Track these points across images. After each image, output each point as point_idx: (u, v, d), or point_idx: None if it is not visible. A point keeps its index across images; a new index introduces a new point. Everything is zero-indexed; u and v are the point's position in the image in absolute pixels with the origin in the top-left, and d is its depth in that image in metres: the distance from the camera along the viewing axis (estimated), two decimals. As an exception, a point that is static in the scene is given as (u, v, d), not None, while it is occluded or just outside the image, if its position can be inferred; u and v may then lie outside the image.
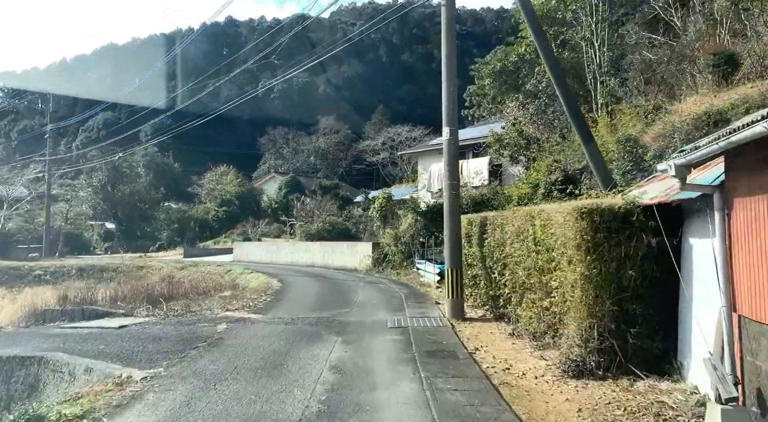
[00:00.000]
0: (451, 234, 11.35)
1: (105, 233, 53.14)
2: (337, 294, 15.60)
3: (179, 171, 63.47)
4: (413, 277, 19.74)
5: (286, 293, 16.11)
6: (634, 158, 15.03)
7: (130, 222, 52.48)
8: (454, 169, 11.47)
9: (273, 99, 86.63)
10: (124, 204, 52.11)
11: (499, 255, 10.36)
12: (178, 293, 16.41)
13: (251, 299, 14.45)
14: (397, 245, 22.43)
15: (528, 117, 22.26)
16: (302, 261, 29.21)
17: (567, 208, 7.11)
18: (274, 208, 50.49)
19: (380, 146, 64.58)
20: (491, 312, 11.37)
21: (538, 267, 8.54)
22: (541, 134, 22.00)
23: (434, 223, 22.18)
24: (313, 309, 12.68)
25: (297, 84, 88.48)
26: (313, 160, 72.57)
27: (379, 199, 25.20)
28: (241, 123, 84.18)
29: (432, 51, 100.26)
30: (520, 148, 22.08)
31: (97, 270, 30.48)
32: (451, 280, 11.20)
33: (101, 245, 52.86)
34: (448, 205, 11.40)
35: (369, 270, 23.17)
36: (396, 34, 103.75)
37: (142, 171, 57.87)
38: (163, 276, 29.38)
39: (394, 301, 13.89)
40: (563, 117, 22.19)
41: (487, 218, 11.11)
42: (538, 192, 18.56)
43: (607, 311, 6.52)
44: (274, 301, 14.28)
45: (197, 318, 11.89)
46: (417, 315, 11.60)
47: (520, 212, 9.45)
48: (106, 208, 52.30)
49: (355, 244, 26.34)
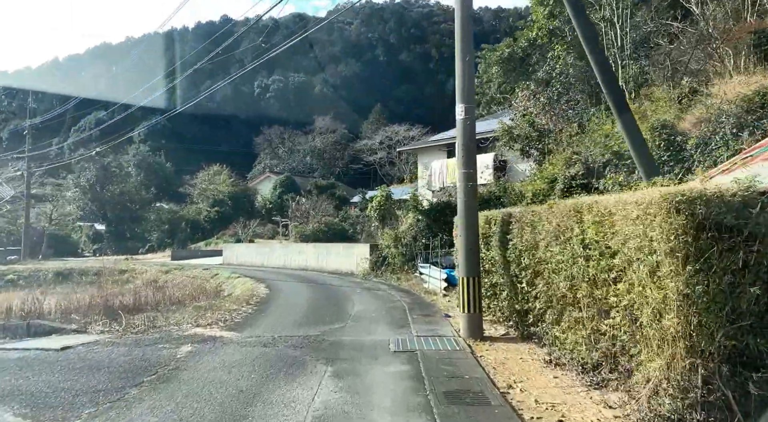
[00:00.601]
0: (467, 236, 9.22)
1: (94, 234, 50.88)
2: (330, 304, 13.45)
3: (171, 170, 61.20)
4: (415, 283, 17.60)
5: (272, 302, 13.95)
6: (672, 147, 12.92)
7: (120, 224, 50.24)
8: (471, 154, 9.34)
9: (269, 98, 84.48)
10: (114, 204, 49.86)
11: (528, 261, 8.25)
12: (147, 303, 14.19)
13: (230, 310, 12.28)
14: (398, 247, 20.30)
15: (540, 107, 20.21)
16: (295, 264, 27.04)
17: (647, 197, 4.99)
18: (269, 209, 48.34)
19: (377, 145, 62.63)
20: (516, 330, 9.24)
21: (589, 277, 6.44)
22: (554, 125, 19.97)
23: (438, 223, 20.08)
24: (301, 324, 10.52)
25: (293, 83, 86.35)
26: (309, 160, 70.44)
27: (377, 197, 23.08)
28: (237, 122, 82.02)
29: (429, 51, 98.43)
30: (532, 140, 20.02)
31: (75, 274, 28.25)
32: (466, 292, 9.08)
33: (90, 247, 50.60)
34: (463, 200, 9.28)
35: (366, 275, 21.02)
36: (393, 33, 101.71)
37: (133, 170, 55.63)
38: (146, 281, 27.23)
39: (396, 313, 11.75)
40: (579, 106, 20.18)
41: (511, 215, 8.99)
42: (556, 187, 16.50)
43: (717, 346, 4.40)
44: (257, 313, 12.11)
45: (160, 337, 9.72)
46: (425, 332, 9.46)
47: (560, 206, 7.33)
48: (94, 209, 50.00)
49: (352, 246, 24.20)
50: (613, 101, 10.05)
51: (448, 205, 20.23)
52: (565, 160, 16.59)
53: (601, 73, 10.06)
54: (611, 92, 10.06)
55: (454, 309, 12.20)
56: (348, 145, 69.74)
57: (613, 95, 10.04)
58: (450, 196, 20.69)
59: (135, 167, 55.91)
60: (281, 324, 10.66)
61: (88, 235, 50.48)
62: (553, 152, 17.97)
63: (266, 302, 13.98)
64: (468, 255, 9.20)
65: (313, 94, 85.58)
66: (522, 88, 20.63)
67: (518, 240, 8.60)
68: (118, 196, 49.90)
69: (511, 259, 8.86)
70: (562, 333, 7.36)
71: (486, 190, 21.35)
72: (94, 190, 48.94)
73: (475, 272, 9.19)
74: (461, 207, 9.36)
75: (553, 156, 18.01)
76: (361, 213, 38.86)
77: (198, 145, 78.26)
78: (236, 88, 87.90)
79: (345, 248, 24.32)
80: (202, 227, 48.43)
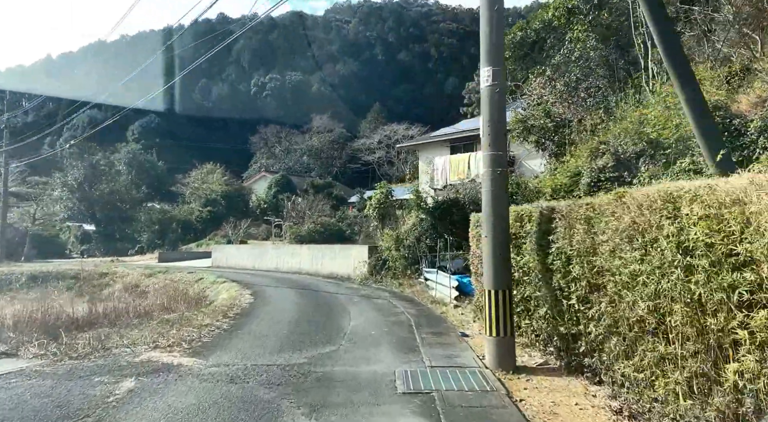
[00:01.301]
0: (495, 237, 7.10)
1: (82, 235, 48.55)
2: (322, 317, 11.29)
3: (164, 169, 58.88)
4: (420, 290, 15.46)
5: (254, 314, 11.78)
6: (728, 131, 10.79)
7: (110, 224, 47.97)
8: (499, 132, 7.22)
9: (265, 97, 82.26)
10: (103, 204, 47.58)
11: (581, 270, 6.13)
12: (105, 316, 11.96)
13: (200, 326, 10.11)
14: (399, 249, 18.15)
15: (556, 95, 18.11)
16: (287, 266, 24.88)
17: None
18: (264, 209, 46.17)
19: (376, 145, 60.70)
20: (558, 358, 7.11)
21: (692, 296, 4.35)
22: (572, 115, 17.88)
23: (443, 223, 17.96)
24: (283, 347, 8.37)
25: (290, 82, 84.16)
26: (306, 160, 68.31)
27: (376, 194, 20.95)
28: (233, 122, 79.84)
29: (429, 50, 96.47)
30: (547, 131, 17.91)
31: (51, 278, 26.04)
32: (494, 309, 6.94)
33: (77, 248, 48.29)
34: (490, 191, 7.15)
35: (365, 280, 18.87)
36: (392, 32, 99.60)
37: (124, 169, 53.34)
38: (127, 285, 25.08)
39: (401, 330, 9.60)
40: (601, 93, 18.09)
41: (554, 210, 6.86)
42: (581, 182, 14.35)
43: None
44: (232, 330, 9.95)
45: (103, 364, 7.56)
46: (441, 360, 7.32)
47: (637, 196, 5.21)
48: (82, 209, 47.68)
49: (349, 248, 22.03)
50: (677, 73, 7.93)
51: (455, 203, 18.12)
52: (591, 151, 14.46)
53: (662, 43, 7.96)
54: (674, 62, 7.95)
55: (469, 324, 10.06)
56: (346, 144, 67.68)
57: (676, 65, 7.93)
58: (457, 193, 18.58)
59: (126, 165, 53.61)
60: (259, 346, 8.50)
61: (76, 236, 48.17)
62: (574, 143, 15.86)
63: (247, 314, 11.81)
64: (496, 261, 7.06)
65: (310, 93, 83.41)
66: (536, 74, 18.50)
67: (565, 243, 6.47)
68: (107, 195, 47.62)
69: (555, 267, 6.73)
70: (636, 372, 5.24)
71: (497, 186, 19.27)
72: (83, 188, 46.65)
73: (506, 283, 7.06)
74: (487, 199, 7.23)
75: (576, 147, 15.91)
76: (359, 213, 36.87)
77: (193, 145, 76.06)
78: (232, 87, 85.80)
79: (341, 250, 22.17)
80: (194, 228, 46.22)
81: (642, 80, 15.77)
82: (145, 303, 14.95)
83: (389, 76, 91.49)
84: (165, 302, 14.67)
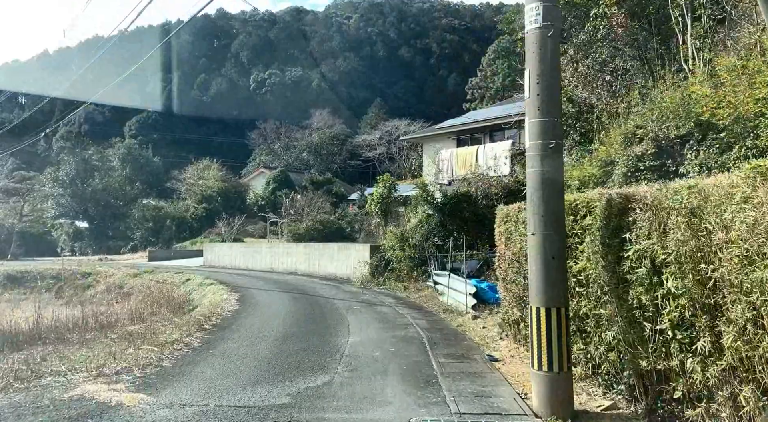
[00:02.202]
0: (547, 234, 5.13)
1: (74, 233, 46.62)
2: (314, 331, 9.35)
3: (159, 165, 56.85)
4: (429, 295, 13.51)
5: (234, 327, 9.84)
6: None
7: (103, 221, 46.07)
8: (553, 89, 5.26)
9: (265, 93, 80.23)
10: (96, 200, 45.67)
11: (680, 283, 4.19)
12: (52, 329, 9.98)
13: (164, 344, 8.16)
14: (404, 249, 16.18)
15: (579, 77, 16.16)
16: (283, 267, 22.95)
17: None
18: (261, 206, 44.23)
19: (377, 141, 58.81)
20: (632, 400, 5.15)
21: None
22: (597, 99, 15.95)
23: (453, 220, 16.03)
24: (260, 377, 6.41)
25: (290, 77, 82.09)
26: (305, 156, 66.29)
27: (379, 187, 19.01)
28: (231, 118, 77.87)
29: (430, 46, 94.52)
30: (569, 118, 15.96)
31: (31, 278, 24.12)
32: (544, 334, 4.98)
33: (69, 246, 46.40)
34: (539, 172, 5.17)
35: (365, 282, 16.91)
36: (393, 28, 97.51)
37: (118, 164, 51.32)
38: (110, 286, 23.18)
39: (413, 351, 7.66)
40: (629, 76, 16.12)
41: (630, 199, 4.91)
42: (615, 172, 12.39)
43: None
44: (203, 349, 8.01)
45: (17, 402, 5.63)
46: (471, 402, 5.37)
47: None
48: (74, 205, 45.74)
49: (349, 247, 20.06)
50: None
51: (467, 197, 16.17)
52: (625, 136, 12.49)
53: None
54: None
55: (495, 343, 8.12)
56: (346, 141, 65.72)
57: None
58: (469, 185, 16.63)
59: (120, 161, 51.58)
60: (232, 374, 6.55)
61: (68, 233, 46.25)
62: (604, 129, 13.92)
63: (227, 326, 9.87)
64: (548, 269, 5.09)
65: (310, 89, 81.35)
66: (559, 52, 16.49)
67: (653, 245, 4.52)
68: (100, 191, 45.70)
69: (633, 278, 4.77)
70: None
71: (512, 179, 17.33)
72: (75, 184, 44.72)
73: (561, 299, 5.10)
74: (535, 183, 5.25)
75: (605, 134, 13.97)
76: (359, 211, 35.08)
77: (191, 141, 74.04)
78: (231, 82, 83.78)
79: (340, 249, 20.21)
80: (189, 225, 44.25)
81: (681, 57, 13.79)
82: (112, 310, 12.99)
83: (390, 72, 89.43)
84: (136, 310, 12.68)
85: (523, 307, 7.30)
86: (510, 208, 7.85)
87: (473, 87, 66.06)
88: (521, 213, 7.32)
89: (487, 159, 21.19)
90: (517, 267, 7.40)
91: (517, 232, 7.37)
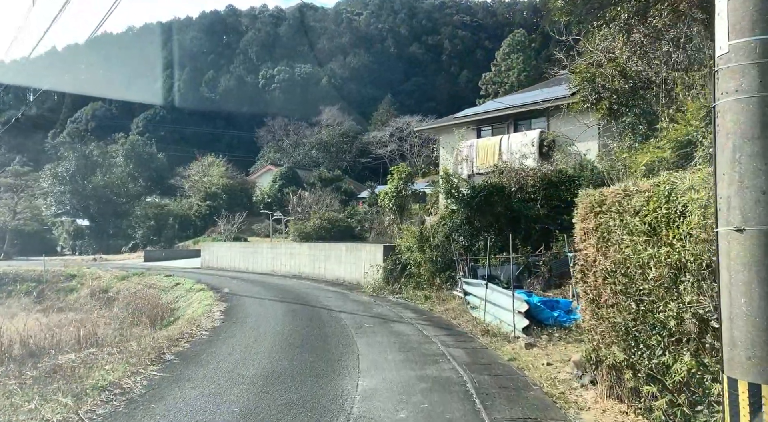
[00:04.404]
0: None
1: (75, 231, 44.36)
2: (310, 368, 6.63)
3: (164, 161, 54.42)
4: (458, 308, 10.77)
5: (202, 358, 7.16)
6: None
7: (104, 219, 43.74)
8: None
9: (274, 89, 77.68)
10: (98, 197, 43.32)
11: None
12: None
13: (91, 390, 5.51)
14: (424, 250, 13.44)
15: (634, 47, 13.34)
16: (286, 269, 20.33)
17: None
18: (268, 203, 41.68)
19: (387, 138, 56.15)
20: None
21: None
22: (655, 73, 13.14)
23: (484, 216, 13.32)
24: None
25: (300, 74, 79.53)
26: (315, 153, 63.75)
27: (393, 180, 16.30)
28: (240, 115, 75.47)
29: (442, 42, 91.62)
30: (621, 95, 13.17)
31: (9, 281, 21.67)
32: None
33: (70, 244, 44.19)
34: (758, 102, 2.46)
35: (378, 289, 14.20)
36: (404, 24, 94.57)
37: (121, 161, 48.98)
38: (95, 290, 20.70)
39: (456, 413, 4.93)
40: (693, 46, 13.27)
41: None
42: (696, 154, 9.63)
43: None
44: (140, 404, 5.33)
45: None
46: None
47: None
48: (75, 202, 43.46)
49: (359, 248, 17.31)
50: None
51: (499, 189, 13.40)
52: (709, 111, 9.70)
53: None
54: None
55: (574, 391, 5.37)
56: (356, 138, 63.12)
57: None
58: (501, 175, 13.89)
59: (123, 157, 49.24)
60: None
61: (69, 232, 44.00)
62: (676, 103, 11.11)
63: (194, 357, 7.19)
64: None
65: (320, 85, 78.72)
66: (608, 17, 13.67)
67: None
68: (101, 188, 43.34)
69: None
70: None
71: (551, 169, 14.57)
72: (75, 180, 42.38)
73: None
74: (745, 126, 2.51)
75: (676, 110, 11.19)
76: (369, 209, 32.55)
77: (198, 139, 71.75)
78: (240, 79, 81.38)
79: (350, 250, 17.50)
80: (193, 223, 41.82)
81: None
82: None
83: (401, 68, 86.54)
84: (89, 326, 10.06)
85: (632, 346, 4.59)
86: (607, 193, 5.11)
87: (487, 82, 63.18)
88: (631, 200, 4.59)
89: (511, 149, 18.49)
90: (623, 284, 4.67)
91: (625, 229, 4.63)
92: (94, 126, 73.51)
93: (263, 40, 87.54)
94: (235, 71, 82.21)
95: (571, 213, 13.83)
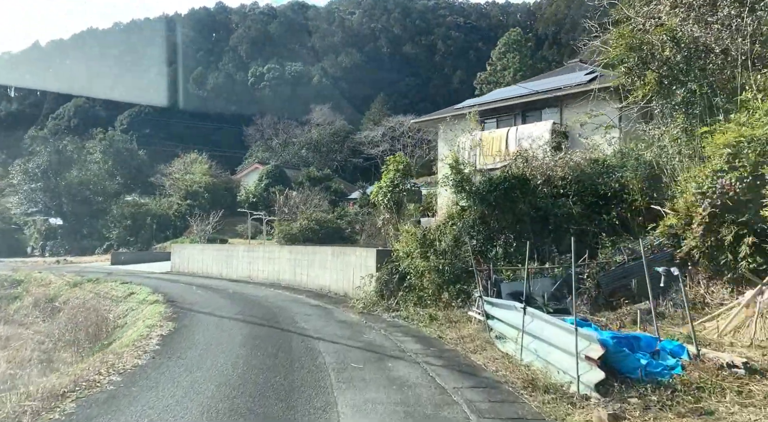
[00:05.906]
0: None
1: (47, 230, 41.04)
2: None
3: (145, 159, 51.16)
4: (474, 334, 7.90)
5: None
6: None
7: (78, 218, 40.49)
8: None
9: (263, 87, 74.63)
10: (72, 195, 40.07)
11: None
12: None
13: None
14: (427, 256, 10.58)
15: (690, 9, 10.68)
16: (262, 275, 17.39)
17: None
18: (253, 203, 38.68)
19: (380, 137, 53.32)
20: None
21: None
22: (716, 42, 10.53)
23: (504, 215, 10.55)
24: None
25: (290, 72, 76.52)
26: (305, 153, 60.71)
27: (389, 172, 13.45)
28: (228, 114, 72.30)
29: (435, 43, 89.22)
30: (673, 67, 10.50)
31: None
32: None
33: (40, 245, 40.86)
34: None
35: (371, 305, 11.29)
36: (397, 24, 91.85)
37: (99, 157, 45.68)
38: (41, 299, 17.65)
39: None
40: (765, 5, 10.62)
41: None
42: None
43: None
44: None
45: None
46: None
47: None
48: (46, 200, 40.18)
49: (347, 252, 14.35)
50: None
51: (522, 182, 10.61)
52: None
53: None
54: None
55: None
56: (348, 137, 60.20)
57: None
58: (526, 163, 11.11)
59: (101, 153, 45.93)
60: None
61: (40, 231, 40.71)
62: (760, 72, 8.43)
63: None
64: None
65: (311, 84, 75.77)
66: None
67: None
68: (76, 185, 40.12)
69: None
70: None
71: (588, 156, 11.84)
72: (47, 177, 39.15)
73: None
74: None
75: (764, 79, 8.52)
76: (360, 210, 29.88)
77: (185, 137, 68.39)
78: (229, 77, 78.22)
79: (337, 255, 14.56)
80: (173, 223, 38.70)
81: None
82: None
83: (394, 68, 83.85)
84: None
85: None
86: None
87: (482, 82, 60.75)
88: None
89: (520, 141, 15.84)
90: None
91: None
92: (76, 123, 69.98)
93: (254, 37, 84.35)
94: (224, 69, 79.02)
95: (611, 211, 10.80)
